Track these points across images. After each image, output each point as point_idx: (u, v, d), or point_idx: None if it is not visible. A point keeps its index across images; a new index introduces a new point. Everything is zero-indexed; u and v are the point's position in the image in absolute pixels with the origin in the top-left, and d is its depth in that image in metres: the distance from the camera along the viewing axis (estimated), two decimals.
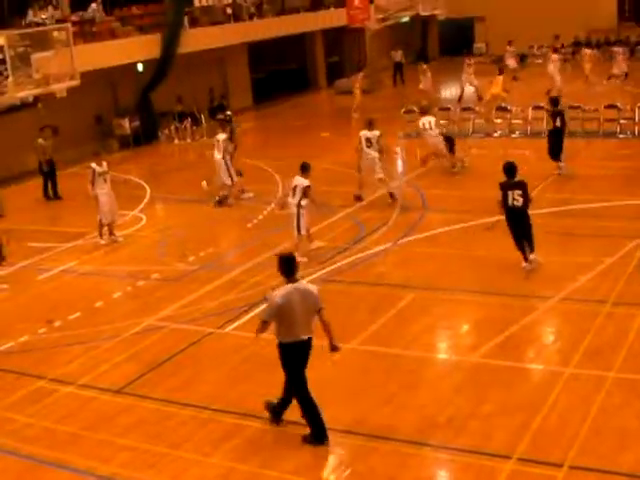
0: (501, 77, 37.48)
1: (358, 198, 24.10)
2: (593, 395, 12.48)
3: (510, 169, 17.77)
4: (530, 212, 17.85)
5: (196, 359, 15.07)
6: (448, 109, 34.25)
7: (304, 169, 19.91)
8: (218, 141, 25.30)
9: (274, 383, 13.42)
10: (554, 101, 25.63)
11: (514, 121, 32.54)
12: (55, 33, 25.92)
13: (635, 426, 11.62)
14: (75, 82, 25.66)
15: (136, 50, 36.39)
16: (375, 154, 23.58)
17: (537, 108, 32.02)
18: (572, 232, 19.92)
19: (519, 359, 13.99)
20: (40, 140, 28.85)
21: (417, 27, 58.14)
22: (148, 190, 27.18)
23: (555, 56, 41.83)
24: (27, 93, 25.97)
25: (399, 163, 29.91)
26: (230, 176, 25.09)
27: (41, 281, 20.18)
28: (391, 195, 23.71)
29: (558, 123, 24.80)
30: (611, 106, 31.35)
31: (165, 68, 37.12)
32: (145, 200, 26.72)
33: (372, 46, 47.21)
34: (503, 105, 33.47)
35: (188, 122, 38.51)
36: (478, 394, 12.85)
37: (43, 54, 24.85)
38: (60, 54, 25.24)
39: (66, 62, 25.31)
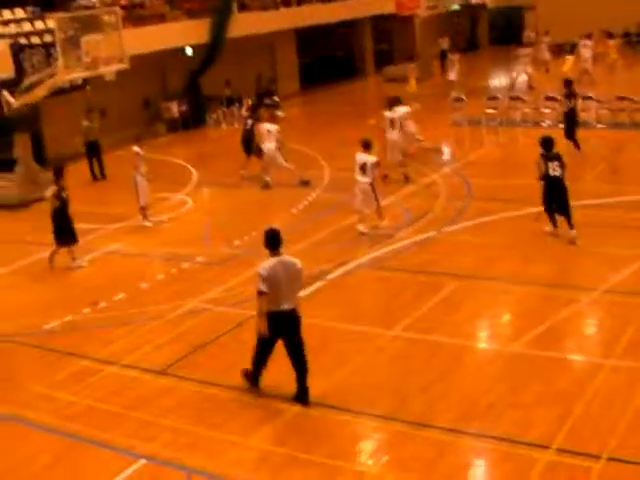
0: (572, 57, 37.30)
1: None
2: (633, 388, 12.40)
3: (548, 142, 18.98)
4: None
5: (239, 342, 15.15)
6: (496, 98, 34.03)
7: (367, 146, 20.41)
8: (269, 131, 25.31)
9: (317, 368, 13.53)
10: (568, 83, 25.68)
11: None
12: (105, 16, 26.10)
13: None
14: (124, 65, 25.85)
15: (185, 34, 36.56)
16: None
17: (585, 99, 31.77)
18: (617, 224, 19.74)
19: (560, 350, 13.94)
20: (85, 122, 29.14)
21: (466, 15, 57.82)
22: (195, 173, 27.32)
23: (588, 42, 41.68)
24: (76, 76, 26.20)
25: (445, 151, 29.80)
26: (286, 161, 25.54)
27: (87, 262, 20.36)
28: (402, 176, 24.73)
29: (572, 104, 25.44)
30: None
31: (214, 53, 37.24)
32: (192, 183, 26.85)
33: (422, 34, 47.05)
34: (551, 95, 33.18)
35: (236, 107, 38.64)
36: (518, 384, 12.81)
37: (93, 37, 25.02)
38: (109, 37, 25.42)
39: (115, 45, 25.49)
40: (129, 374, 14.32)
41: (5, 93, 25.94)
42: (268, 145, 25.28)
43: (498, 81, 45.53)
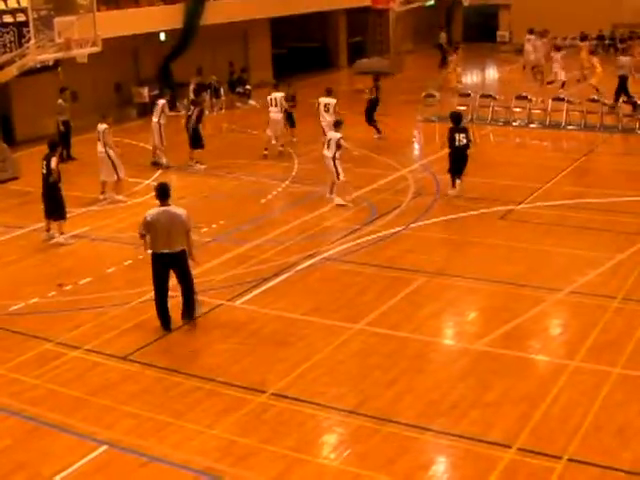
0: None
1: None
2: (596, 390, 12.50)
3: (457, 117, 23.02)
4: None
5: (203, 331, 15.15)
6: (468, 95, 34.12)
7: (337, 124, 22.89)
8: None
9: (279, 358, 13.62)
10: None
11: (534, 111, 32.44)
12: None
13: (637, 423, 11.64)
14: (97, 48, 25.68)
15: (159, 19, 36.38)
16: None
17: (557, 100, 31.98)
18: (585, 225, 19.90)
19: (524, 350, 14.02)
20: (60, 101, 28.97)
21: (442, 12, 57.87)
22: (164, 159, 27.19)
23: (532, 37, 42.26)
24: (48, 57, 26.01)
25: (415, 147, 29.87)
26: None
27: (53, 245, 20.23)
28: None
29: None
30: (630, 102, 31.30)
31: (187, 39, 37.09)
32: (160, 169, 26.74)
33: (396, 28, 47.01)
34: (523, 94, 33.31)
35: (207, 94, 38.46)
36: (482, 382, 12.88)
37: (66, 18, 24.82)
38: (83, 19, 25.22)
39: (88, 28, 25.30)
40: (92, 359, 14.24)
41: None
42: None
43: (470, 78, 45.63)
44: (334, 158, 21.99)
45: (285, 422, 12.00)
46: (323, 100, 27.44)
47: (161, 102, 27.13)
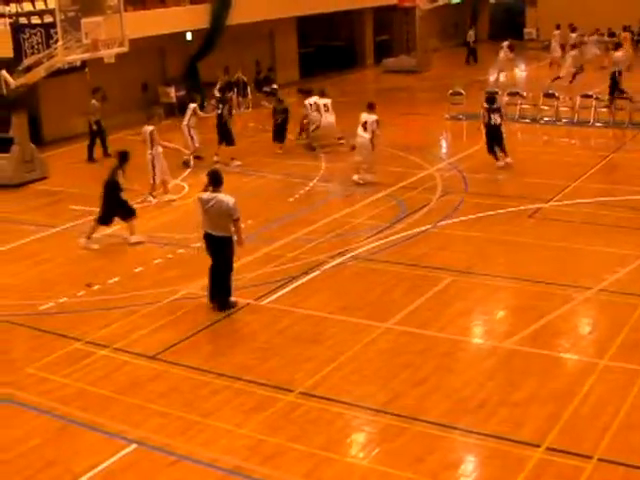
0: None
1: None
2: (627, 388, 12.43)
3: (492, 98, 25.43)
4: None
5: (232, 330, 15.20)
6: (496, 93, 33.96)
7: (371, 107, 23.78)
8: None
9: (308, 357, 13.64)
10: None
11: (561, 108, 32.30)
12: None
13: None
14: (124, 49, 25.75)
15: (185, 19, 36.45)
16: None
17: (585, 97, 31.84)
18: (614, 223, 19.79)
19: (553, 348, 13.95)
20: (93, 101, 29.14)
21: (468, 9, 57.72)
22: (191, 158, 27.26)
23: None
24: (76, 57, 26.07)
25: (443, 145, 29.84)
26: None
27: (80, 244, 20.30)
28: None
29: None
30: None
31: (214, 38, 37.14)
32: (188, 169, 26.80)
33: (422, 26, 46.92)
34: (551, 92, 33.18)
35: (233, 93, 38.50)
36: (510, 381, 12.83)
37: (93, 19, 24.91)
38: (110, 20, 25.29)
39: (115, 28, 25.35)
40: (121, 358, 14.30)
41: (4, 73, 25.84)
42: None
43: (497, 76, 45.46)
44: (371, 140, 23.23)
45: (313, 421, 12.00)
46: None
47: (192, 106, 27.19)
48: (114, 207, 20.02)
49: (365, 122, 23.39)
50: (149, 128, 23.41)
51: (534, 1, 58.58)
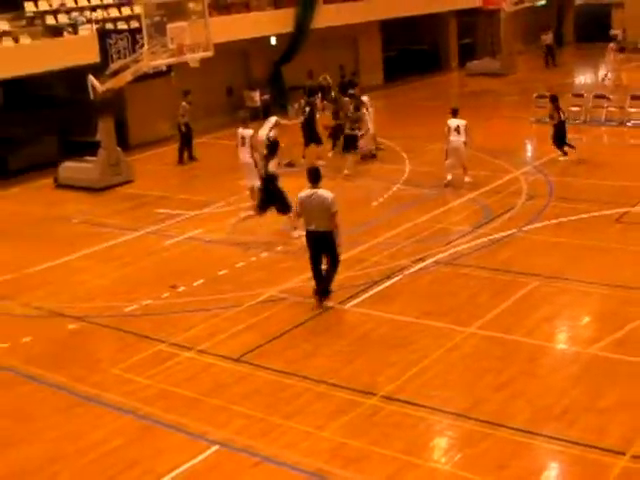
0: None
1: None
2: None
3: (556, 98, 26.25)
4: None
5: (315, 333, 15.20)
6: (581, 96, 33.55)
7: (455, 112, 24.21)
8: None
9: (390, 361, 13.61)
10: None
11: None
12: (191, 4, 26.21)
13: None
14: (208, 53, 25.96)
15: (269, 24, 36.68)
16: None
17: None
18: None
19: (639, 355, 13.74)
20: (183, 103, 29.48)
21: (553, 11, 57.08)
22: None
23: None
24: (161, 62, 26.38)
25: (528, 149, 29.56)
26: None
27: (167, 247, 20.59)
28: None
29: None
30: None
31: (298, 43, 37.28)
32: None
33: (507, 29, 46.52)
34: (638, 94, 32.65)
35: (318, 97, 38.58)
36: (595, 388, 12.64)
37: (178, 24, 25.17)
38: (195, 25, 25.54)
39: (200, 33, 25.57)
40: (205, 360, 14.43)
41: (91, 78, 26.24)
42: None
43: (583, 79, 44.96)
44: (465, 142, 23.74)
45: (396, 425, 11.96)
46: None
47: (273, 119, 26.65)
48: (273, 198, 20.40)
49: (458, 126, 23.63)
50: (249, 132, 23.44)
51: (621, 3, 57.65)
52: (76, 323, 16.42)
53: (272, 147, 20.96)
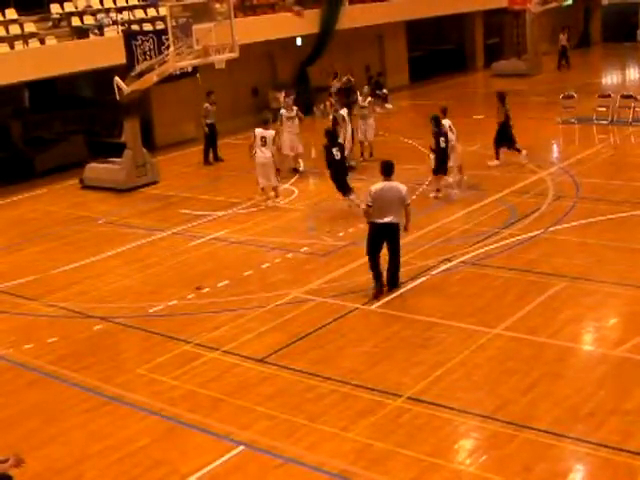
0: None
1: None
2: None
3: (502, 95, 26.06)
4: None
5: (340, 334, 15.16)
6: (608, 96, 33.36)
7: (445, 111, 24.19)
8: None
9: (415, 362, 13.56)
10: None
11: None
12: (216, 5, 26.21)
13: None
14: (234, 54, 25.96)
15: (294, 25, 36.73)
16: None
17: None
18: None
19: None
20: (206, 104, 29.59)
21: (580, 11, 56.87)
22: (302, 163, 27.39)
23: None
24: (187, 63, 26.40)
25: (555, 150, 29.43)
26: None
27: (192, 248, 20.63)
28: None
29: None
30: None
31: (324, 43, 37.28)
32: (298, 173, 26.93)
33: (533, 29, 46.37)
34: None
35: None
36: (622, 389, 12.54)
37: (204, 25, 25.19)
38: (220, 26, 25.55)
39: (226, 34, 25.58)
40: (230, 360, 14.43)
41: (117, 79, 26.33)
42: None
43: (610, 79, 44.73)
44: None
45: (421, 426, 11.91)
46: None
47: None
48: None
49: (450, 126, 23.85)
50: (271, 132, 23.80)
51: None
52: (102, 323, 16.48)
53: (331, 135, 22.62)
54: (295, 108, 27.33)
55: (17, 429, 12.70)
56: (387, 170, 16.59)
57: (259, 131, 23.70)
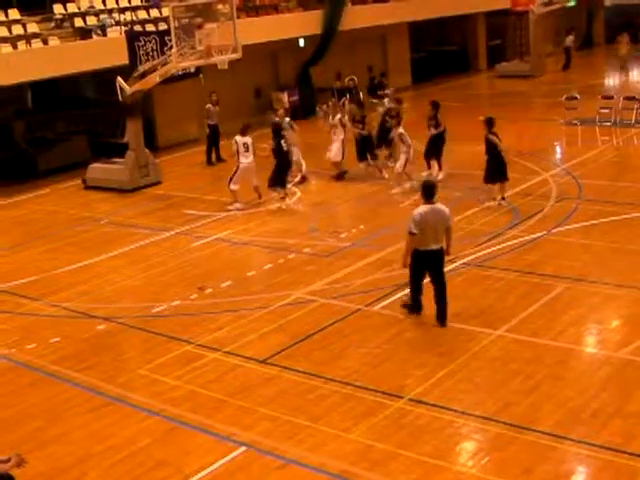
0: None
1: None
2: None
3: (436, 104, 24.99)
4: None
5: (342, 335, 15.16)
6: (611, 97, 33.34)
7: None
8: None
9: (418, 363, 13.57)
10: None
11: None
12: (219, 6, 26.22)
13: None
14: (237, 55, 25.97)
15: (297, 25, 36.73)
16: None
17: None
18: None
19: None
20: (208, 105, 29.63)
21: (583, 12, 56.83)
22: (303, 164, 27.37)
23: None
24: (190, 64, 26.41)
25: (558, 151, 29.43)
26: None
27: (195, 248, 20.64)
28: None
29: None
30: None
31: (326, 44, 37.28)
32: (299, 174, 26.90)
33: (536, 31, 46.34)
34: None
35: (346, 99, 38.52)
36: (624, 392, 12.54)
37: (207, 26, 25.18)
38: (223, 27, 25.56)
39: (229, 35, 25.58)
40: (232, 361, 14.43)
41: (119, 80, 26.33)
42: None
43: (613, 80, 44.72)
44: None
45: (423, 428, 11.92)
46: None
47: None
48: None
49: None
50: (249, 138, 23.96)
51: None
52: (104, 324, 16.49)
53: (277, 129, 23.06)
54: (287, 119, 26.97)
55: (19, 429, 12.71)
56: (429, 192, 15.06)
57: (239, 139, 23.77)
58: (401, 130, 24.49)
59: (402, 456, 11.21)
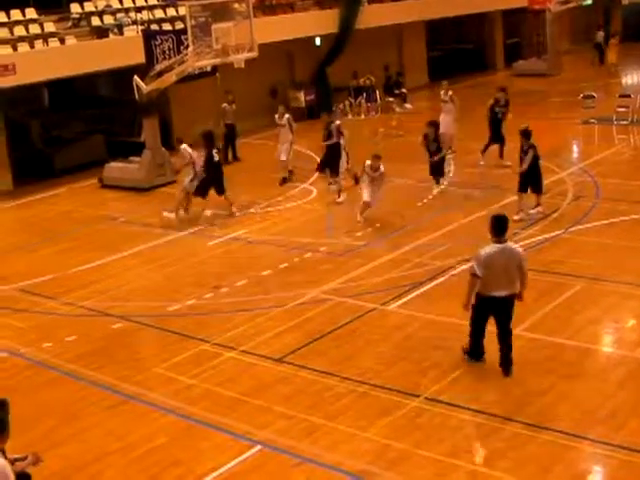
0: None
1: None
2: None
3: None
4: None
5: (358, 334, 15.15)
6: (628, 96, 33.18)
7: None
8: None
9: (434, 362, 13.56)
10: None
11: None
12: (235, 5, 26.23)
13: None
14: (253, 54, 25.97)
15: (314, 24, 36.68)
16: None
17: None
18: None
19: None
20: (224, 104, 29.63)
21: (600, 11, 56.59)
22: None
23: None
24: (206, 63, 26.41)
25: (574, 150, 29.35)
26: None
27: (210, 247, 20.64)
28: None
29: None
30: None
31: (343, 43, 37.23)
32: (316, 173, 26.86)
33: (553, 29, 46.18)
34: None
35: (363, 98, 38.55)
36: None
37: (223, 25, 25.21)
38: (239, 26, 25.57)
39: (245, 34, 25.59)
40: (248, 360, 14.44)
41: (136, 78, 26.37)
42: None
43: (631, 79, 44.52)
44: None
45: (439, 427, 11.90)
46: None
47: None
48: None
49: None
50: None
51: None
52: (120, 322, 16.51)
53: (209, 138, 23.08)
54: (286, 117, 26.93)
55: (36, 427, 12.72)
56: (500, 228, 13.13)
57: (187, 150, 23.83)
58: None
59: (418, 455, 11.20)
